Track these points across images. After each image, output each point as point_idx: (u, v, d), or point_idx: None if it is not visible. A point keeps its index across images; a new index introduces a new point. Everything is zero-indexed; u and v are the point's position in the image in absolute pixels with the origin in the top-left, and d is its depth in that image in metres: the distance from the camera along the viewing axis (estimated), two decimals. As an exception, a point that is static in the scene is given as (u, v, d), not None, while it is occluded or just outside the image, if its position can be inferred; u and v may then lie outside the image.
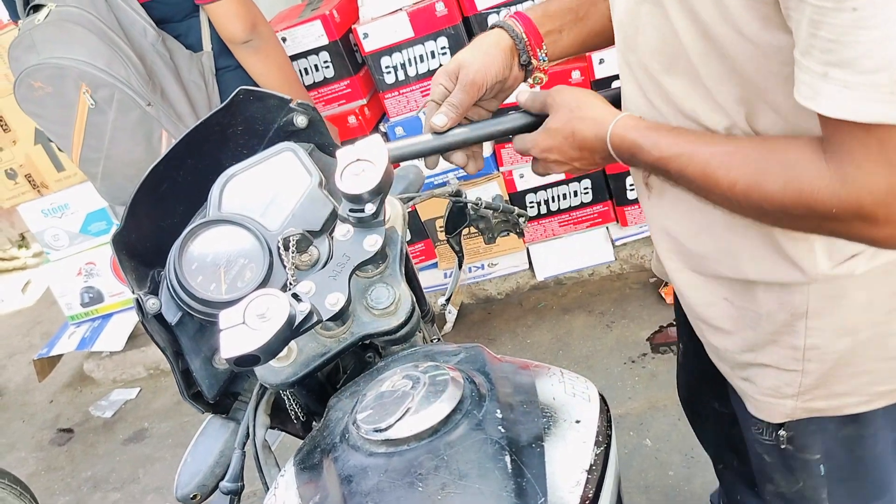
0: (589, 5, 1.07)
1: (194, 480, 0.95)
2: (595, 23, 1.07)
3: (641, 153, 0.88)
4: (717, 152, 0.81)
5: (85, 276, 3.31)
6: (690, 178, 0.83)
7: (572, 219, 2.88)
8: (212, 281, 0.89)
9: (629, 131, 0.89)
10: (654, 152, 0.86)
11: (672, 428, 2.21)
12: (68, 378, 3.62)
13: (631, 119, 0.91)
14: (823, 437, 1.01)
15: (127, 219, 0.92)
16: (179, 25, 2.01)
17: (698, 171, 0.82)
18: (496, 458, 0.67)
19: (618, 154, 0.91)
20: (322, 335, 0.86)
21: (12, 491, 2.22)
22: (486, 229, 1.31)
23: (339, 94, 2.71)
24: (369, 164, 0.82)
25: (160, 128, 1.90)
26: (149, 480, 2.81)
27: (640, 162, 0.90)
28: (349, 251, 0.84)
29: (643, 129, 0.89)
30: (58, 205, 3.21)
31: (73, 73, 1.81)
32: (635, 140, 0.88)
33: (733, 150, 0.80)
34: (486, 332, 2.95)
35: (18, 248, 5.19)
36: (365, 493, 0.68)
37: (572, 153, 0.96)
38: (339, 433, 0.77)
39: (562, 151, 0.97)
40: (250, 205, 0.93)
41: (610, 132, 0.90)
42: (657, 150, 0.86)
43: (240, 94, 0.99)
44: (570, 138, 0.95)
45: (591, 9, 1.07)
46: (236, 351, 0.68)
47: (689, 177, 0.83)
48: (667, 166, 0.85)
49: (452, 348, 0.86)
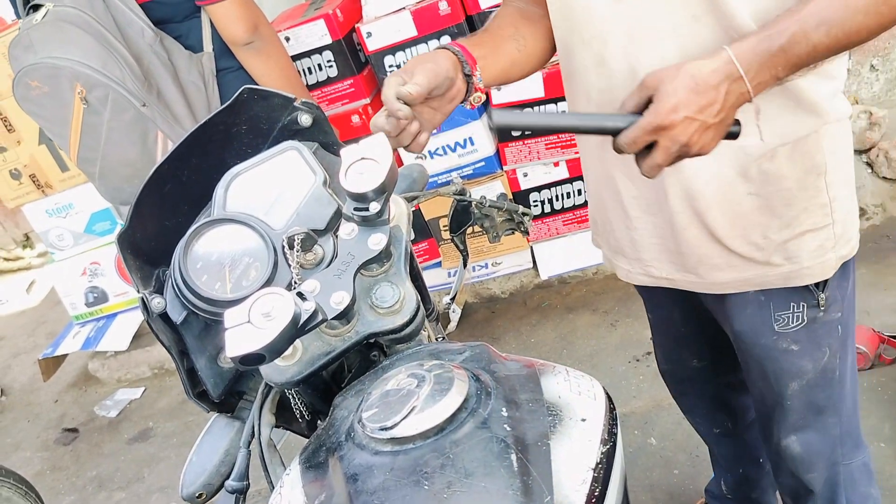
0: (500, 40, 1.15)
1: (200, 479, 0.95)
2: (507, 54, 1.15)
3: (773, 42, 0.88)
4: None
5: (89, 276, 3.31)
6: (834, 18, 0.87)
7: (576, 217, 2.87)
8: (217, 280, 0.89)
9: (745, 39, 0.89)
10: (784, 26, 0.87)
11: (677, 427, 2.21)
12: (73, 378, 3.63)
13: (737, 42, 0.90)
14: (838, 291, 1.17)
15: (132, 218, 0.92)
16: (180, 26, 2.01)
17: (839, 11, 0.86)
18: (502, 457, 0.67)
19: (747, 68, 0.88)
20: (327, 334, 0.86)
21: (17, 490, 2.23)
22: (490, 228, 1.31)
23: (343, 94, 2.70)
24: (374, 162, 0.82)
25: (156, 128, 1.90)
26: (153, 480, 2.82)
27: (780, 58, 0.88)
28: (354, 250, 0.84)
29: (758, 34, 0.89)
30: (62, 205, 3.22)
31: (67, 73, 1.81)
32: (758, 36, 0.88)
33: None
34: (490, 331, 2.95)
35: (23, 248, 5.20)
36: (370, 491, 0.68)
37: (700, 100, 0.88)
38: (344, 432, 0.77)
39: (689, 103, 0.87)
40: (255, 204, 0.93)
41: (731, 49, 0.89)
42: (783, 22, 0.88)
43: (244, 93, 0.99)
44: (691, 84, 0.88)
45: (503, 44, 1.15)
46: (241, 350, 0.68)
47: (832, 19, 0.87)
48: (806, 30, 0.87)
49: (457, 347, 0.86)
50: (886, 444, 1.98)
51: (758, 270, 1.15)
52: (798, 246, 1.12)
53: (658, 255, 1.22)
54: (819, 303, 1.16)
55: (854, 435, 1.34)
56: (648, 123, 0.89)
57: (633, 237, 1.24)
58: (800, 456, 1.32)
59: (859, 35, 0.89)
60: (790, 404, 1.27)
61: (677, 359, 1.57)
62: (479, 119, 2.64)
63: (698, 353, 1.52)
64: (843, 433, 1.31)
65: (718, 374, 1.55)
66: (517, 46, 1.17)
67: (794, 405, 1.27)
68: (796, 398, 1.26)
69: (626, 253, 1.28)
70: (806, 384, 1.24)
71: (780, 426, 1.31)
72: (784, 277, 1.15)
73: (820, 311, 1.17)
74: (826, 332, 1.20)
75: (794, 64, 0.90)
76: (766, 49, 0.88)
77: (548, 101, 2.57)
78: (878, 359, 2.22)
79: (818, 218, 1.10)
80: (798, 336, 1.19)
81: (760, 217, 1.10)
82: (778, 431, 1.32)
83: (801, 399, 1.26)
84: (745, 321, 1.21)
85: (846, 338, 1.23)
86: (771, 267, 1.14)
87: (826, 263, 1.13)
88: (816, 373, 1.23)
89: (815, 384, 1.24)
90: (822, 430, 1.29)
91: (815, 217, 1.10)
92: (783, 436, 1.31)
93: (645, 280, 1.28)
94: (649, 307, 1.52)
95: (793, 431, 1.30)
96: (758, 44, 0.88)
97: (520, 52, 1.17)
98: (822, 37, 0.88)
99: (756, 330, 1.21)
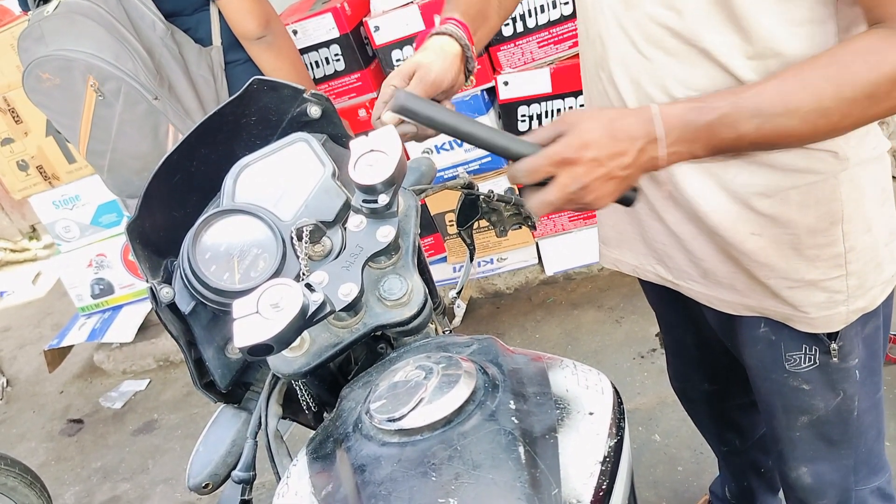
0: (489, 4, 1.11)
1: (206, 470, 0.95)
2: (494, 20, 1.12)
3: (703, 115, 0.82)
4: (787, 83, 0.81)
5: (95, 268, 3.32)
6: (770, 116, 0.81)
7: (582, 214, 2.87)
8: (225, 270, 0.89)
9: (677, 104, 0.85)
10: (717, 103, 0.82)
11: (681, 423, 2.20)
12: (78, 369, 3.64)
13: (667, 104, 0.85)
14: (857, 339, 1.09)
15: (141, 208, 0.92)
16: (189, 19, 2.01)
17: (777, 103, 0.81)
18: (510, 449, 0.67)
19: (668, 133, 0.83)
20: (335, 325, 0.86)
21: (23, 480, 2.24)
22: (497, 222, 1.31)
23: (350, 88, 2.70)
24: (383, 154, 0.81)
25: (167, 122, 1.90)
26: (158, 471, 2.83)
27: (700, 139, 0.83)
28: (362, 242, 0.84)
29: (690, 103, 0.84)
30: (69, 196, 3.22)
31: (80, 66, 1.81)
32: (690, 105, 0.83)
33: (806, 70, 0.81)
34: (495, 326, 2.95)
35: (29, 240, 5.22)
36: (378, 482, 0.68)
37: (613, 146, 0.83)
38: (352, 423, 0.77)
39: (601, 146, 0.82)
40: (264, 195, 0.93)
41: (657, 109, 0.83)
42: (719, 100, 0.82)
43: (253, 84, 0.99)
44: (608, 128, 0.83)
45: (489, 8, 1.11)
46: (249, 340, 0.68)
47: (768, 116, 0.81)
48: (739, 116, 0.82)
49: (465, 340, 0.86)
50: (892, 444, 1.98)
51: (762, 302, 1.08)
52: (804, 295, 1.03)
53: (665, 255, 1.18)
54: (831, 353, 1.08)
55: (872, 462, 1.26)
56: (556, 153, 0.83)
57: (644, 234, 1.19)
58: (810, 486, 1.25)
59: (787, 140, 0.84)
60: (800, 436, 1.20)
61: (688, 380, 1.55)
62: (486, 114, 2.63)
63: (710, 378, 1.49)
64: (858, 462, 1.23)
65: (729, 398, 1.53)
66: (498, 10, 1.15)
67: (804, 437, 1.20)
68: (806, 431, 1.19)
69: (635, 248, 1.24)
70: (817, 419, 1.17)
71: (790, 456, 1.24)
72: (787, 318, 1.07)
73: (833, 359, 1.09)
74: (842, 378, 1.12)
75: (715, 146, 0.84)
76: (693, 120, 0.83)
77: (555, 97, 2.57)
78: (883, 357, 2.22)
79: (828, 269, 1.01)
80: (810, 377, 1.12)
81: (763, 258, 1.02)
82: (788, 461, 1.25)
83: (811, 432, 1.19)
84: (756, 356, 1.16)
85: (866, 378, 1.14)
86: (776, 301, 1.06)
87: (834, 317, 1.04)
88: (828, 411, 1.15)
89: (826, 421, 1.17)
90: (835, 461, 1.22)
91: (825, 268, 1.01)
92: (794, 466, 1.25)
93: (652, 277, 1.23)
94: (663, 328, 1.50)
95: (803, 463, 1.23)
96: (686, 112, 0.83)
97: (499, 15, 1.15)
98: (751, 129, 0.82)
99: (766, 366, 1.15)
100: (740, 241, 1.02)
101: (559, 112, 2.64)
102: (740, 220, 1.00)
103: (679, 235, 1.10)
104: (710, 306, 1.15)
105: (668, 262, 1.16)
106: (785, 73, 0.83)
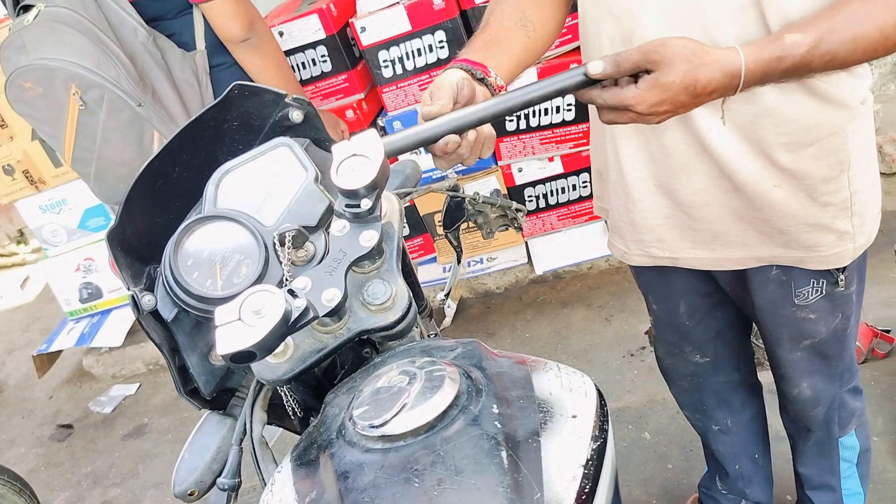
0: (505, 33, 1.13)
1: (192, 477, 0.94)
2: (517, 42, 1.13)
3: (782, 62, 0.91)
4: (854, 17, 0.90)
5: (83, 272, 3.31)
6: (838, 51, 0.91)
7: (571, 213, 2.87)
8: (207, 277, 0.88)
9: (760, 51, 0.91)
10: (797, 51, 0.90)
11: (671, 421, 2.21)
12: (68, 374, 3.62)
13: (747, 45, 0.92)
14: (856, 269, 1.25)
15: (122, 215, 0.92)
16: (173, 23, 1.99)
17: (847, 37, 0.90)
18: (492, 454, 0.67)
19: (749, 80, 0.92)
20: (318, 331, 0.86)
21: (12, 487, 2.22)
22: (483, 224, 1.31)
23: (337, 89, 2.70)
24: (365, 159, 0.81)
25: (151, 128, 1.89)
26: (148, 476, 2.82)
27: (776, 75, 0.92)
28: (345, 247, 0.84)
29: (769, 42, 0.92)
30: (56, 200, 3.21)
31: (62, 74, 1.79)
32: (772, 54, 0.91)
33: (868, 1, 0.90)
34: (486, 326, 2.96)
35: (17, 244, 5.18)
36: (361, 489, 0.68)
37: (689, 101, 0.91)
38: (335, 429, 0.76)
39: (676, 102, 0.91)
40: (246, 200, 0.92)
41: (744, 62, 0.90)
42: (799, 47, 0.90)
43: (235, 90, 0.98)
44: (691, 87, 0.90)
45: (509, 35, 1.13)
46: (232, 347, 0.68)
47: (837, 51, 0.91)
48: (812, 56, 0.91)
49: (449, 344, 0.85)
50: (879, 438, 1.99)
51: (773, 251, 1.21)
52: (818, 237, 1.17)
53: (662, 235, 1.25)
54: (838, 282, 1.23)
55: (852, 368, 1.45)
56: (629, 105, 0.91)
57: (634, 219, 1.26)
58: (809, 398, 1.43)
59: (843, 66, 0.94)
60: (801, 356, 1.36)
61: (679, 353, 1.57)
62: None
63: (701, 349, 1.54)
64: (842, 370, 1.41)
65: (720, 373, 1.58)
66: (526, 33, 1.14)
67: (804, 357, 1.36)
68: (807, 352, 1.35)
69: (624, 234, 1.30)
70: (818, 342, 1.33)
71: (792, 376, 1.40)
72: (799, 261, 1.21)
73: (839, 288, 1.24)
74: (842, 302, 1.28)
75: (782, 79, 0.94)
76: (774, 68, 0.91)
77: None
78: (871, 353, 2.23)
79: (838, 212, 1.15)
80: (816, 306, 1.27)
81: (785, 207, 1.15)
82: (790, 380, 1.41)
83: (811, 352, 1.35)
84: (766, 296, 1.29)
85: (859, 300, 1.33)
86: (787, 249, 1.20)
87: (844, 254, 1.19)
88: (828, 332, 1.31)
89: (825, 341, 1.33)
90: (828, 372, 1.40)
91: (836, 210, 1.15)
92: (796, 384, 1.41)
93: (643, 261, 1.31)
94: (655, 299, 1.52)
95: (804, 379, 1.40)
96: (769, 62, 0.91)
97: (529, 37, 1.14)
98: (821, 65, 0.92)
99: (776, 303, 1.29)
100: (765, 193, 1.14)
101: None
102: (765, 174, 1.12)
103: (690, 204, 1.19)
104: (715, 269, 1.29)
105: (666, 238, 1.26)
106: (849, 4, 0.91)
